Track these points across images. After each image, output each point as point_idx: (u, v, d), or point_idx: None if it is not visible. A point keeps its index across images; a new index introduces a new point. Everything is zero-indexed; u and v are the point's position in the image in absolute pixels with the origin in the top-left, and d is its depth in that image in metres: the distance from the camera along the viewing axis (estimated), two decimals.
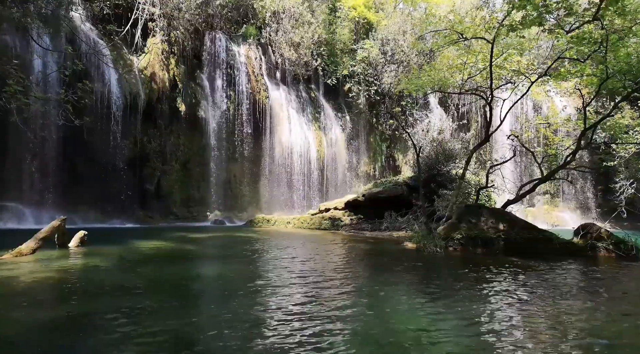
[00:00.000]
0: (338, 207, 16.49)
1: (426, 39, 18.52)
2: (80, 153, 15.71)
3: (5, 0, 11.13)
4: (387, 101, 24.74)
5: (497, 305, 4.44)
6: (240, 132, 20.47)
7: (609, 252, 8.54)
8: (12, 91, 8.69)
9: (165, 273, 6.03)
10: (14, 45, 13.89)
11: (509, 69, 11.59)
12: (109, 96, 16.19)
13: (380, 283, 5.55)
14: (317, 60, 23.29)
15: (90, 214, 15.28)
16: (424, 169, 13.63)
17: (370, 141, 25.54)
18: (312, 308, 4.09)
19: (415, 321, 3.79)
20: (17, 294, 4.53)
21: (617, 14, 8.47)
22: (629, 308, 4.60)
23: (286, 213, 19.09)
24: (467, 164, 11.45)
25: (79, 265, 6.48)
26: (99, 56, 14.43)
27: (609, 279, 6.46)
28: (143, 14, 17.95)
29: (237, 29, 21.70)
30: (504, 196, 12.54)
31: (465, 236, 9.10)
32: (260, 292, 4.87)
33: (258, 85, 21.17)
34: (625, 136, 12.94)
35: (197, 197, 19.49)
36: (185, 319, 3.69)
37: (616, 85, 10.07)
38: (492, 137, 17.16)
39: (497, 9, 13.30)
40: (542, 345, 3.21)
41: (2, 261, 6.36)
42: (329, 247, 9.76)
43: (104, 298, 4.42)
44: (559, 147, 14.66)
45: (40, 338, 3.26)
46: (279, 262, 7.29)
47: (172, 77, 18.77)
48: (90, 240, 8.44)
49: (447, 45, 11.45)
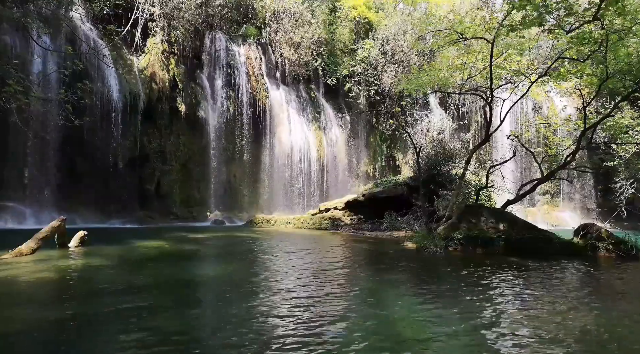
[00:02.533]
0: (338, 207, 16.48)
1: (426, 39, 18.50)
2: (80, 153, 15.70)
3: (5, 0, 11.12)
4: (387, 101, 24.73)
5: (497, 305, 4.44)
6: (240, 132, 20.46)
7: (609, 252, 8.54)
8: (12, 90, 8.68)
9: (165, 273, 6.03)
10: (14, 45, 13.88)
11: (509, 69, 11.59)
12: (109, 96, 16.18)
13: (380, 283, 5.55)
14: (317, 60, 23.29)
15: (90, 214, 15.26)
16: (424, 169, 13.61)
17: (370, 141, 25.53)
18: (312, 308, 4.09)
19: (415, 321, 3.79)
20: (17, 294, 4.54)
21: (617, 14, 8.46)
22: (628, 307, 4.60)
23: (286, 213, 19.08)
24: (467, 164, 11.44)
25: (79, 265, 6.48)
26: (99, 56, 14.40)
27: (609, 279, 6.45)
28: (143, 14, 17.95)
29: (237, 29, 21.69)
30: (504, 196, 12.53)
31: (465, 236, 9.10)
32: (260, 292, 4.87)
33: (258, 85, 21.16)
34: (625, 136, 12.94)
35: (197, 197, 19.49)
36: (185, 319, 3.69)
37: (616, 86, 10.07)
38: (492, 137, 17.15)
39: (497, 9, 13.30)
40: (542, 345, 3.21)
41: (2, 261, 6.36)
42: (329, 248, 9.76)
43: (104, 298, 4.41)
44: (559, 147, 14.66)
45: (41, 337, 3.26)
46: (278, 263, 7.29)
47: (172, 77, 18.76)
48: (90, 240, 8.43)
49: (447, 45, 11.45)
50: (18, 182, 14.42)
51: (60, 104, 10.38)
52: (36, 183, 14.79)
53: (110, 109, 16.16)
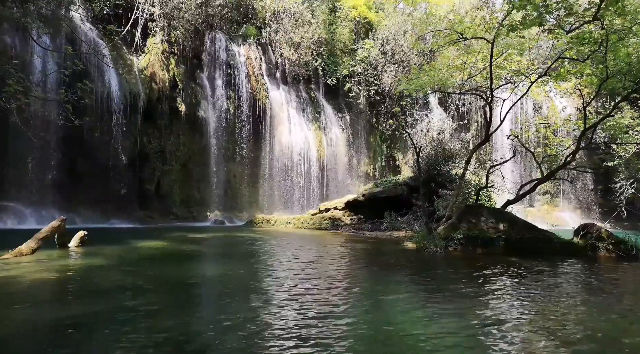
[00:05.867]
0: (338, 207, 16.49)
1: (426, 39, 18.53)
2: (80, 153, 15.70)
3: (5, 0, 11.12)
4: (387, 101, 24.74)
5: (497, 305, 4.44)
6: (240, 132, 20.47)
7: (609, 253, 8.54)
8: (12, 90, 8.68)
9: (165, 273, 6.03)
10: (14, 45, 13.89)
11: (509, 69, 11.59)
12: (109, 95, 16.18)
13: (380, 283, 5.55)
14: (317, 60, 23.29)
15: (90, 214, 15.26)
16: (424, 169, 13.61)
17: (370, 141, 25.53)
18: (311, 308, 4.09)
19: (415, 321, 3.79)
20: (17, 294, 4.54)
21: (617, 14, 8.47)
22: (628, 307, 4.60)
23: (286, 213, 19.09)
24: (467, 164, 11.44)
25: (79, 265, 6.48)
26: (99, 56, 14.41)
27: (609, 279, 6.45)
28: (143, 14, 17.95)
29: (237, 29, 21.69)
30: (504, 196, 12.53)
31: (465, 236, 9.09)
32: (260, 292, 4.87)
33: (258, 85, 21.17)
34: (625, 136, 12.94)
35: (197, 197, 19.49)
36: (185, 319, 3.69)
37: (616, 86, 10.07)
38: (492, 137, 17.15)
39: (497, 9, 13.30)
40: (542, 345, 3.21)
41: (2, 261, 6.36)
42: (329, 248, 9.76)
43: (104, 298, 4.41)
44: (559, 147, 14.67)
45: (41, 337, 3.26)
46: (278, 263, 7.29)
47: (172, 77, 18.77)
48: (90, 240, 8.43)
49: (447, 45, 11.45)
50: (18, 182, 14.42)
51: (60, 104, 10.38)
52: (36, 183, 14.79)
53: (110, 109, 16.16)
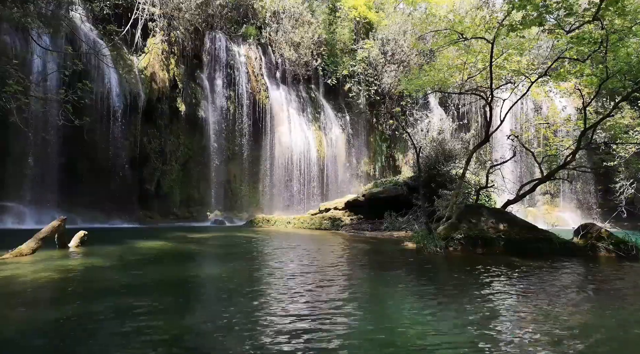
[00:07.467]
0: (338, 207, 16.49)
1: (426, 39, 18.54)
2: (81, 153, 15.71)
3: (5, 0, 11.12)
4: (387, 101, 24.75)
5: (497, 305, 4.44)
6: (240, 132, 20.47)
7: (609, 252, 8.54)
8: (12, 90, 8.69)
9: (165, 273, 6.03)
10: (14, 45, 13.89)
11: (509, 69, 11.59)
12: (109, 95, 16.18)
13: (380, 283, 5.55)
14: (317, 60, 23.29)
15: (90, 214, 15.27)
16: (424, 169, 13.62)
17: (370, 141, 25.54)
18: (311, 308, 4.09)
19: (415, 321, 3.78)
20: (17, 294, 4.53)
21: (617, 14, 8.46)
22: (628, 307, 4.60)
23: (286, 213, 19.09)
24: (467, 164, 11.45)
25: (79, 265, 6.48)
26: (99, 56, 14.41)
27: (609, 279, 6.45)
28: (143, 14, 17.95)
29: (237, 29, 21.70)
30: (504, 196, 12.54)
31: (465, 236, 9.09)
32: (259, 292, 4.87)
33: (258, 85, 21.17)
34: (625, 136, 12.96)
35: (197, 197, 19.50)
36: (185, 319, 3.69)
37: (616, 86, 10.07)
38: (492, 137, 17.15)
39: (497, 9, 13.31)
40: (542, 345, 3.21)
41: (2, 261, 6.36)
42: (329, 248, 9.75)
43: (104, 298, 4.41)
44: (559, 147, 14.68)
45: (41, 338, 3.26)
46: (278, 263, 7.29)
47: (172, 77, 18.77)
48: (90, 240, 8.43)
49: (447, 45, 11.45)
50: (18, 182, 14.42)
51: (60, 104, 10.39)
52: (36, 183, 14.79)
53: (110, 109, 16.17)
